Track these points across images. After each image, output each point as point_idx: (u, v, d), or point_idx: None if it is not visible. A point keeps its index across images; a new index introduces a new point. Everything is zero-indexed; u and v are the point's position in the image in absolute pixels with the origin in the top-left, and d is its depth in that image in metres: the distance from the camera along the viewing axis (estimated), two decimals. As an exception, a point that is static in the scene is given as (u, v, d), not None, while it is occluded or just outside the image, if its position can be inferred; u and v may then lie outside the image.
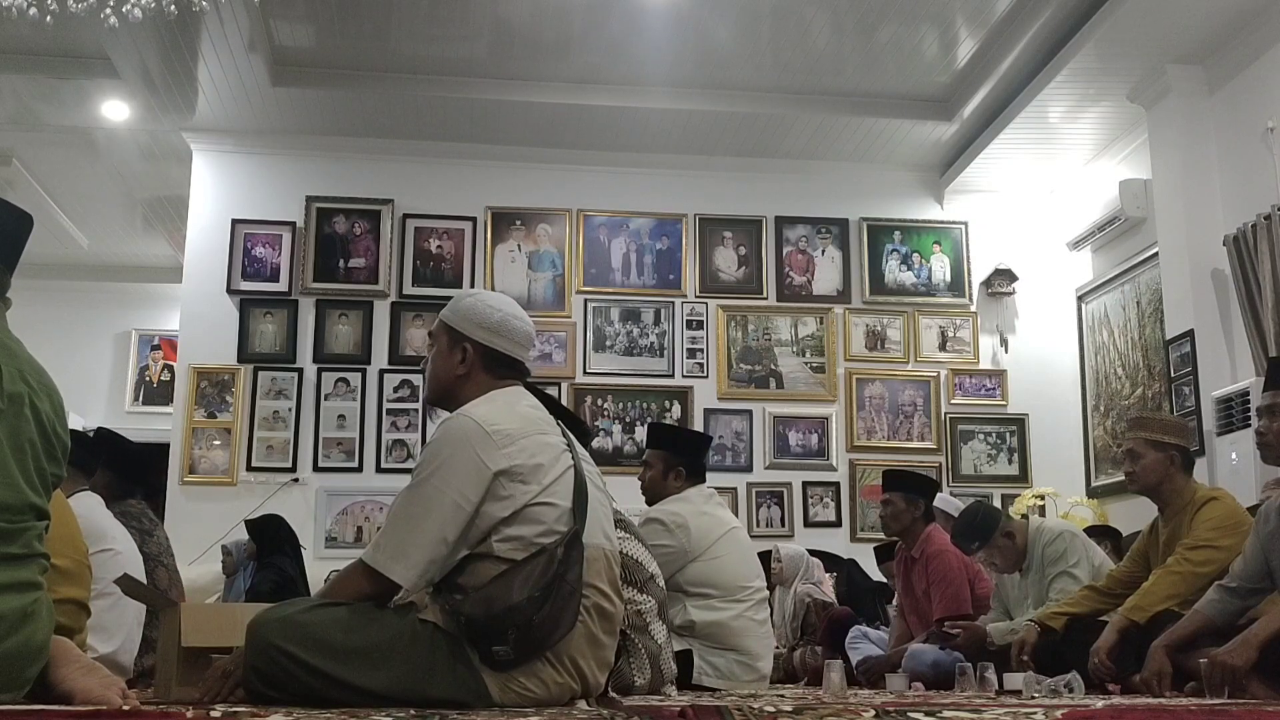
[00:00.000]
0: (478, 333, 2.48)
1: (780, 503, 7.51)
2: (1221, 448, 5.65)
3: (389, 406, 7.37)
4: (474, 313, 2.50)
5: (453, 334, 2.50)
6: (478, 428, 2.28)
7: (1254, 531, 3.30)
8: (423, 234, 7.67)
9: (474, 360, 2.47)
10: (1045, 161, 7.56)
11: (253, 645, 2.16)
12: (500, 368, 2.49)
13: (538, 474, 2.28)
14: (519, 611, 2.15)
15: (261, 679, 2.14)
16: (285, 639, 2.13)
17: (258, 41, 6.52)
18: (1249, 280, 5.66)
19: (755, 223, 7.90)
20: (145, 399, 9.66)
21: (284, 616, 2.20)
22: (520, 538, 2.23)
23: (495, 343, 2.48)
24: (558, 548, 2.23)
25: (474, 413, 2.34)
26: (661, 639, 3.24)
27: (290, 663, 2.12)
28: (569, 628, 2.22)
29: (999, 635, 4.34)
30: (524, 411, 2.40)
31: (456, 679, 2.17)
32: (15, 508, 1.87)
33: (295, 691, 2.13)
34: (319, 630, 2.15)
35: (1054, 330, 7.80)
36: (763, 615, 3.99)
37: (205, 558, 6.74)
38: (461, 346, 2.48)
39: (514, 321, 2.51)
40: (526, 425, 2.35)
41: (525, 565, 2.20)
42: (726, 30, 6.57)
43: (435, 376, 2.53)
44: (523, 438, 2.31)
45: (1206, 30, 5.90)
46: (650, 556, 3.37)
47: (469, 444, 2.26)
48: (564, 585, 2.21)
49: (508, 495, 2.25)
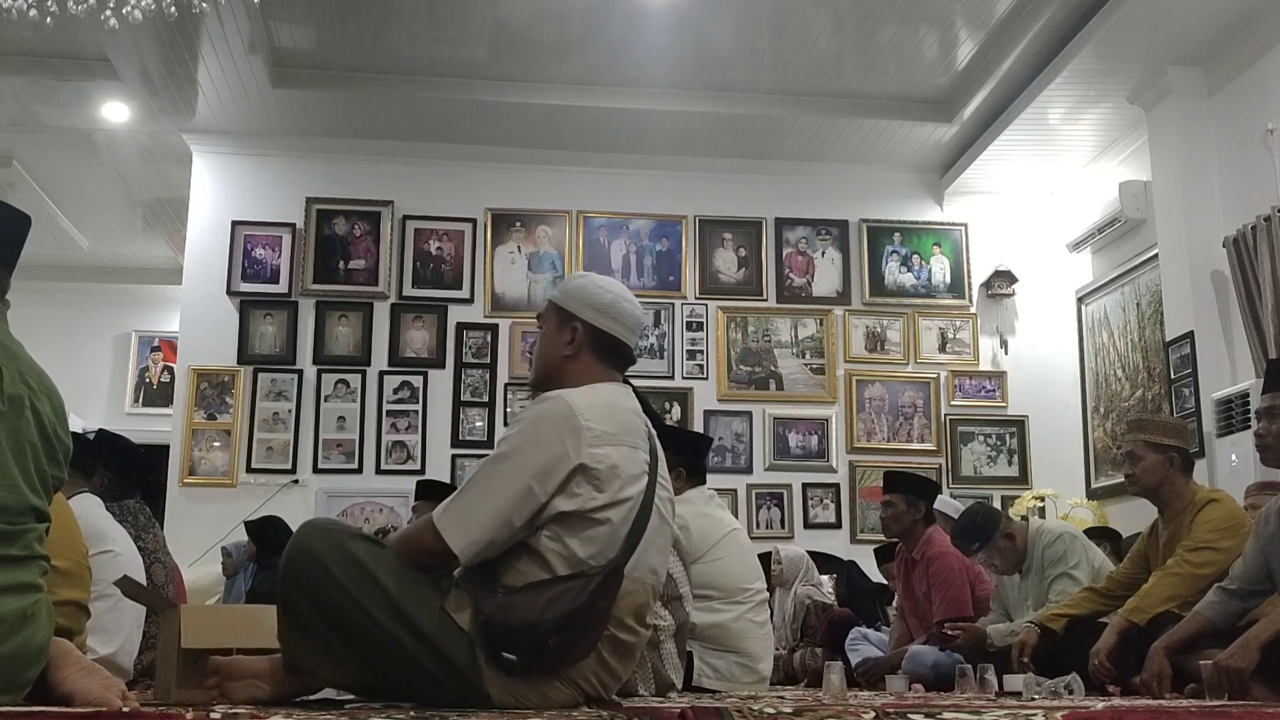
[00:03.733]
0: (587, 312, 2.42)
1: (780, 504, 7.51)
2: (1221, 449, 5.65)
3: (389, 408, 7.37)
4: (585, 293, 2.45)
5: (562, 314, 2.44)
6: (573, 415, 2.22)
7: (1254, 533, 3.30)
8: (423, 235, 7.67)
9: (583, 341, 2.41)
10: (1045, 163, 7.57)
11: (298, 547, 2.16)
12: (608, 352, 2.43)
13: (612, 485, 2.22)
14: (536, 631, 2.10)
15: (296, 583, 2.14)
16: (328, 554, 2.13)
17: (258, 43, 6.52)
18: (1249, 282, 5.66)
19: (755, 224, 7.90)
20: (145, 400, 9.66)
21: (333, 534, 2.18)
22: (569, 546, 2.18)
23: (605, 324, 2.42)
24: (597, 576, 2.16)
25: (573, 399, 2.26)
26: (670, 660, 3.23)
27: (322, 574, 2.12)
28: (583, 656, 2.17)
29: (999, 637, 4.34)
30: (625, 418, 2.33)
31: (463, 670, 2.14)
32: (15, 510, 1.86)
33: (322, 604, 2.12)
34: (367, 562, 2.14)
35: (1054, 332, 7.80)
36: (763, 617, 3.99)
37: (205, 559, 6.75)
38: (571, 326, 2.42)
39: (625, 304, 2.45)
40: (622, 433, 2.28)
41: (559, 584, 2.14)
42: (726, 32, 6.57)
43: (542, 356, 2.47)
44: (614, 445, 2.24)
45: (1206, 32, 5.90)
46: (685, 576, 3.34)
47: (559, 430, 2.21)
48: (592, 614, 2.15)
49: (579, 493, 2.20)
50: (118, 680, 2.08)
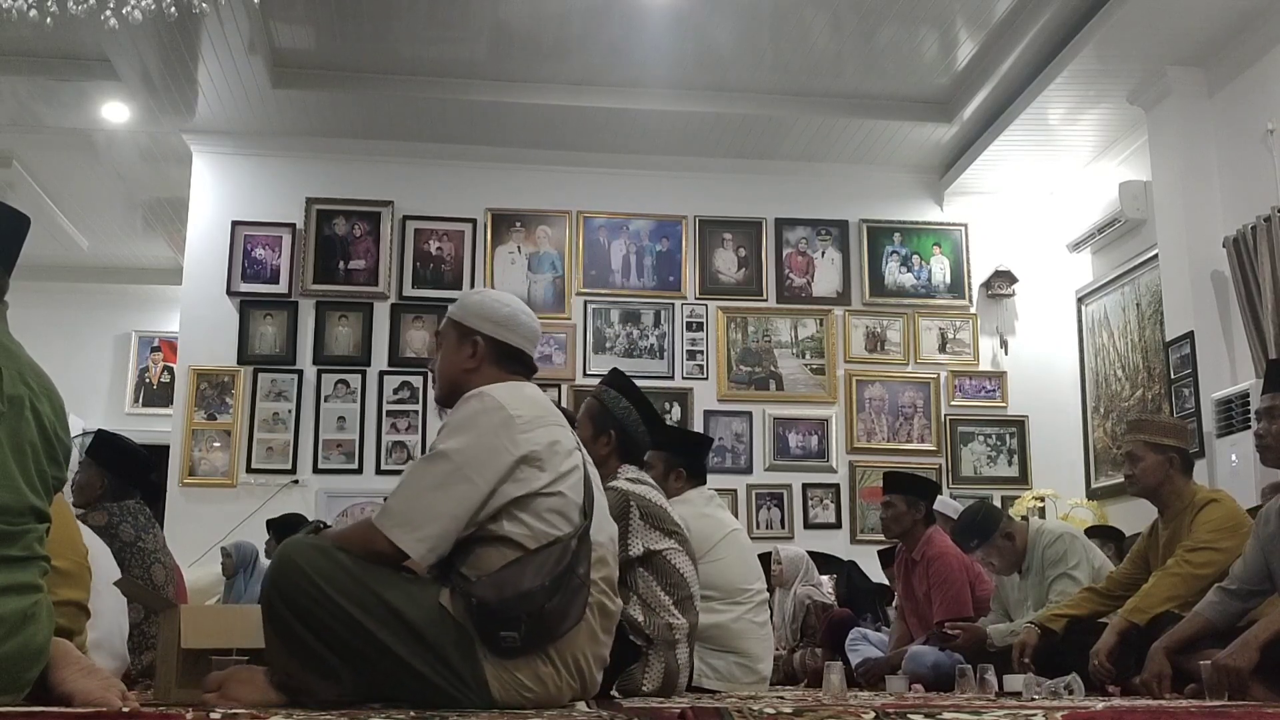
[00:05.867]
0: (486, 326, 2.49)
1: (780, 504, 7.51)
2: (1221, 449, 5.65)
3: (389, 408, 7.37)
4: (482, 307, 2.52)
5: (461, 329, 2.51)
6: (501, 409, 2.30)
7: (1254, 533, 3.30)
8: (423, 236, 7.67)
9: (484, 353, 2.48)
10: (1045, 163, 7.57)
11: (281, 565, 2.18)
12: (509, 361, 2.50)
13: (553, 462, 2.31)
14: (531, 598, 2.16)
15: (283, 599, 2.16)
16: (311, 565, 2.15)
17: (258, 43, 6.52)
18: (1249, 282, 5.66)
19: (755, 224, 7.90)
20: (145, 401, 9.66)
21: (320, 548, 2.20)
22: (532, 525, 2.25)
23: (505, 336, 2.49)
24: (571, 540, 2.26)
25: (496, 393, 2.34)
26: (684, 662, 3.24)
27: (311, 588, 2.13)
28: (576, 620, 2.24)
29: (999, 637, 4.33)
30: (542, 402, 2.43)
31: (459, 664, 2.16)
32: (16, 510, 1.86)
33: (311, 622, 2.14)
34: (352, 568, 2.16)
35: (1054, 332, 7.80)
36: (763, 617, 3.98)
37: (205, 559, 6.74)
38: (472, 340, 2.49)
39: (522, 316, 2.53)
40: (547, 415, 2.38)
41: (538, 554, 2.22)
42: (726, 32, 6.57)
43: (445, 373, 2.52)
44: (541, 426, 2.33)
45: (1207, 32, 5.90)
46: (695, 575, 3.35)
47: (492, 425, 2.28)
48: (574, 578, 2.24)
49: (523, 478, 2.26)
50: (117, 680, 2.08)
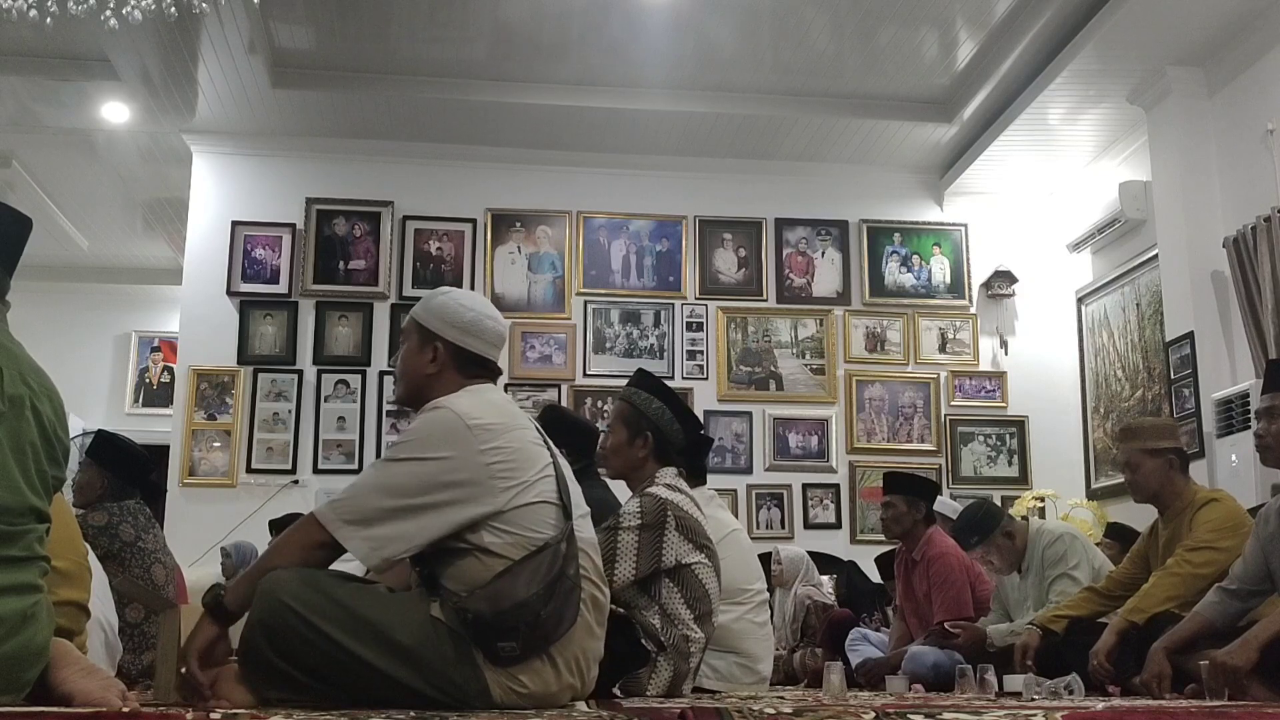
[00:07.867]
0: (449, 331, 2.45)
1: (780, 505, 7.51)
2: (1221, 450, 5.65)
3: (389, 408, 7.36)
4: (446, 311, 2.47)
5: (423, 332, 2.47)
6: (460, 423, 2.27)
7: (1254, 533, 3.30)
8: (423, 236, 7.67)
9: (445, 360, 2.45)
10: (1045, 163, 7.57)
11: (264, 601, 2.13)
12: (472, 367, 2.47)
13: (522, 469, 2.28)
14: (527, 608, 2.15)
15: (268, 636, 2.12)
16: (297, 599, 2.11)
17: (258, 43, 6.52)
18: (1249, 282, 5.66)
19: (755, 224, 7.90)
20: (145, 401, 9.66)
21: (303, 577, 2.17)
22: (515, 534, 2.23)
23: (467, 342, 2.45)
24: (559, 544, 2.24)
25: (456, 405, 2.31)
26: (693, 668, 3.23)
27: (299, 623, 2.10)
28: (572, 622, 2.23)
29: (998, 637, 4.34)
30: (504, 405, 2.41)
31: (459, 676, 2.16)
32: (16, 510, 1.86)
33: (300, 657, 2.11)
34: (339, 595, 2.14)
35: (1054, 332, 7.80)
36: (763, 618, 3.98)
37: (205, 559, 6.74)
38: (433, 345, 2.45)
39: (486, 321, 2.49)
40: (510, 420, 2.35)
41: (528, 562, 2.21)
42: (726, 32, 6.57)
43: (406, 374, 2.50)
44: (505, 432, 2.30)
45: (1206, 32, 5.90)
46: (719, 589, 3.30)
47: (452, 441, 2.25)
48: (565, 581, 2.22)
49: (494, 492, 2.23)
50: (117, 681, 2.08)
